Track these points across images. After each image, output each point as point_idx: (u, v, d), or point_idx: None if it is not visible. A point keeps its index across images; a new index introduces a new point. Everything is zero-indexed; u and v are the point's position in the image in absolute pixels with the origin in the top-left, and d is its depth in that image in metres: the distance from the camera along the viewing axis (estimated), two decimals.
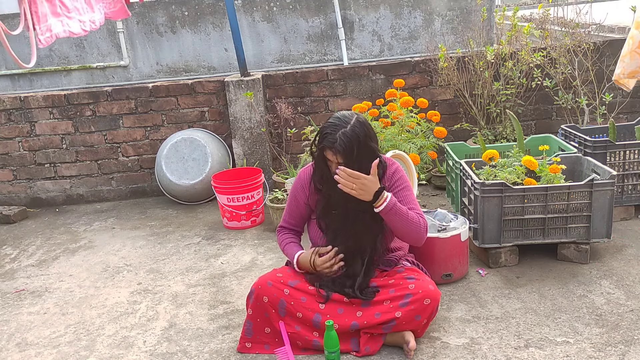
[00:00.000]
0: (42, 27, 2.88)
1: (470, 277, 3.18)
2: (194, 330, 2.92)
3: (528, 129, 4.95)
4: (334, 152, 2.48)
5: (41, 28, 2.87)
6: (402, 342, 2.55)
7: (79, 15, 3.24)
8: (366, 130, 2.50)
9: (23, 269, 3.85)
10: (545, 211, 3.16)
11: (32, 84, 6.02)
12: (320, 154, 2.56)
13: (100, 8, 3.58)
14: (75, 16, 3.19)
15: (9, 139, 5.01)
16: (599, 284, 2.99)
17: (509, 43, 4.61)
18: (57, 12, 3.02)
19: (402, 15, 5.80)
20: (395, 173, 2.70)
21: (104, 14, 3.65)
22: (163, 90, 4.93)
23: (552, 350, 2.49)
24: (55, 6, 3.01)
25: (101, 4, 3.62)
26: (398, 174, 2.70)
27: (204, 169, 4.66)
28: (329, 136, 2.49)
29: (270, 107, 4.90)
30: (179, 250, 3.94)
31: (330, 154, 2.50)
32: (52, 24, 2.95)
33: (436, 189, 4.61)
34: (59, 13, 3.04)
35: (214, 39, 5.85)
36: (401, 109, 4.12)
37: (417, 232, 2.59)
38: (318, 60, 5.88)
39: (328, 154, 2.51)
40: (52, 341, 2.94)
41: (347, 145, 2.46)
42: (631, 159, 3.62)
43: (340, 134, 2.47)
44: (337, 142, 2.46)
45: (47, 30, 2.91)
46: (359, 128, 2.49)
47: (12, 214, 4.80)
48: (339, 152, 2.47)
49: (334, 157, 2.50)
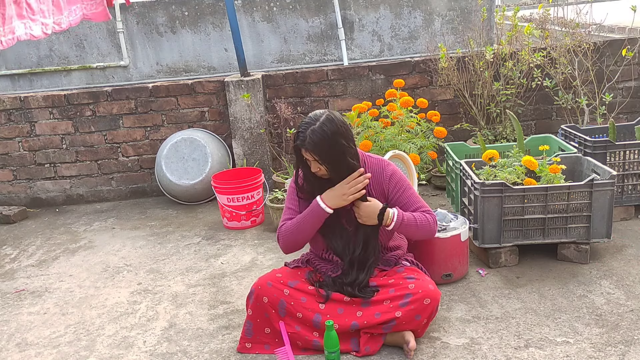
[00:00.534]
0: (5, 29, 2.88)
1: (470, 277, 3.18)
2: (194, 330, 2.92)
3: (528, 129, 4.95)
4: (305, 149, 2.52)
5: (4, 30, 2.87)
6: (402, 342, 2.55)
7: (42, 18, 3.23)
8: (335, 127, 2.51)
9: (23, 269, 3.85)
10: (545, 211, 3.16)
11: (32, 84, 6.02)
12: (298, 153, 2.58)
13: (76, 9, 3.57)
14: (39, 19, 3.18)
15: (9, 139, 5.01)
16: (599, 284, 2.99)
17: (509, 43, 4.61)
18: (22, 15, 3.02)
19: (402, 15, 5.80)
20: (392, 177, 2.69)
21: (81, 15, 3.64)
22: (163, 90, 4.93)
23: (552, 350, 2.49)
24: (22, 9, 3.01)
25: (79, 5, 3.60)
26: (395, 177, 2.69)
27: (204, 169, 4.66)
28: (300, 135, 2.53)
29: (270, 107, 4.90)
30: (179, 250, 3.94)
31: (304, 152, 2.54)
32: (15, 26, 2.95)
33: (436, 189, 4.61)
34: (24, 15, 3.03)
35: (214, 39, 5.85)
36: (401, 109, 4.12)
37: (429, 231, 2.68)
38: (318, 60, 5.88)
39: (303, 152, 2.55)
40: (52, 341, 2.94)
41: (316, 141, 2.48)
42: (631, 159, 3.62)
43: (309, 131, 2.50)
44: (306, 139, 2.50)
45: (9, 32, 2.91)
46: (328, 125, 2.50)
47: (12, 214, 4.80)
48: (310, 150, 2.50)
49: (309, 155, 2.53)
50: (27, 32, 3.08)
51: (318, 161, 2.52)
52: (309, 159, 2.55)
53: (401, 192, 2.68)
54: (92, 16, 3.82)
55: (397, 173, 2.71)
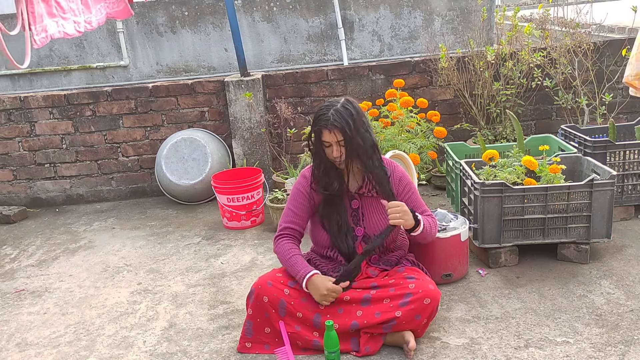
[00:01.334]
0: (37, 27, 2.88)
1: (470, 277, 3.18)
2: (194, 330, 2.92)
3: (528, 129, 4.95)
4: (330, 129, 2.52)
5: (37, 28, 2.88)
6: (402, 342, 2.55)
7: (74, 16, 3.24)
8: (357, 108, 2.59)
9: (23, 269, 3.86)
10: (545, 211, 3.16)
11: (32, 84, 6.02)
12: (317, 140, 2.58)
13: (100, 8, 3.58)
14: (70, 17, 3.19)
15: (9, 139, 5.01)
16: (599, 284, 2.99)
17: (509, 43, 4.61)
18: (52, 13, 3.02)
19: (402, 15, 5.81)
20: (402, 179, 2.74)
21: (105, 14, 3.65)
22: (163, 90, 4.93)
23: (552, 350, 2.49)
24: (51, 7, 3.01)
25: (102, 4, 3.61)
26: (405, 180, 2.75)
27: (204, 169, 4.66)
28: (322, 117, 2.54)
29: (270, 107, 4.90)
30: (179, 250, 3.94)
31: (327, 134, 2.53)
32: (47, 24, 2.95)
33: (436, 189, 4.61)
34: (54, 14, 3.04)
35: (214, 39, 5.85)
36: (401, 109, 4.12)
37: (434, 235, 2.77)
38: (318, 60, 5.88)
39: (325, 135, 2.54)
40: (52, 341, 2.94)
41: (342, 119, 2.51)
42: (631, 159, 3.62)
43: (332, 112, 2.53)
44: (330, 119, 2.51)
45: (42, 31, 2.91)
46: (349, 105, 2.58)
47: (12, 214, 4.80)
48: (336, 128, 2.51)
49: (331, 137, 2.53)
50: (61, 30, 3.09)
51: (340, 143, 2.53)
52: (331, 142, 2.54)
53: (409, 194, 2.74)
54: (115, 14, 3.83)
55: (406, 176, 2.76)
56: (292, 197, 2.78)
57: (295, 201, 2.76)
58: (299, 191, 2.76)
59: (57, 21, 3.04)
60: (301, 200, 2.75)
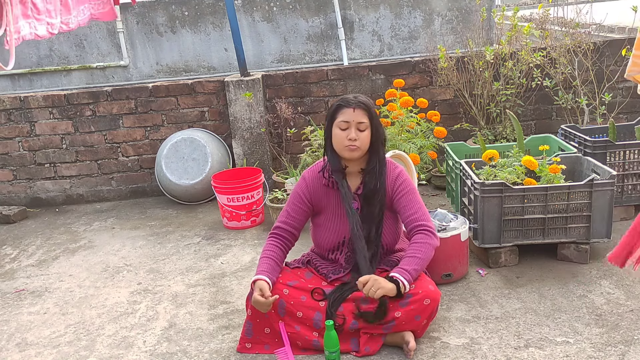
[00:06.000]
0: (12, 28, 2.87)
1: (470, 277, 3.18)
2: (194, 330, 2.92)
3: (528, 129, 4.95)
4: (354, 107, 2.55)
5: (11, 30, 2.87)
6: (402, 342, 2.55)
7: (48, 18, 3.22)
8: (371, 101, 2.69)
9: (23, 269, 3.86)
10: (545, 211, 3.16)
11: (32, 84, 6.02)
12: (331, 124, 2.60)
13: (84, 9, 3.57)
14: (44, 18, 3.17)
15: (9, 139, 5.01)
16: (599, 284, 2.99)
17: (509, 43, 4.61)
18: (27, 14, 3.01)
19: (402, 15, 5.81)
20: (399, 177, 2.71)
21: (89, 15, 3.63)
22: (163, 90, 4.93)
23: (552, 350, 2.49)
24: (27, 8, 3.00)
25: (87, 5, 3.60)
26: (402, 178, 2.71)
27: (204, 169, 4.66)
28: (342, 99, 2.60)
29: (270, 107, 4.91)
30: (179, 250, 3.94)
31: (348, 112, 2.55)
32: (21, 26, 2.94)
33: (436, 189, 4.61)
34: (29, 15, 3.03)
35: (214, 39, 5.85)
36: (401, 109, 4.12)
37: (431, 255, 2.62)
38: (318, 60, 5.88)
39: (346, 113, 2.56)
40: (52, 341, 2.94)
41: (367, 100, 2.60)
42: (631, 159, 3.62)
43: (353, 96, 2.60)
44: (353, 100, 2.57)
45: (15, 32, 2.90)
46: (365, 97, 2.65)
47: (12, 214, 4.79)
48: (361, 106, 2.55)
49: (354, 115, 2.55)
50: (32, 32, 3.07)
51: (360, 126, 2.55)
52: (350, 122, 2.55)
53: (404, 193, 2.68)
54: (99, 16, 3.82)
55: (404, 174, 2.73)
56: (290, 198, 2.80)
57: (292, 203, 2.77)
58: (297, 194, 2.76)
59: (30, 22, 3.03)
60: (298, 203, 2.75)
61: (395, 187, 2.69)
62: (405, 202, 2.66)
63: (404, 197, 2.67)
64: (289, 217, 2.76)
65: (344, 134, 2.57)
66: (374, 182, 2.65)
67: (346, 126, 2.56)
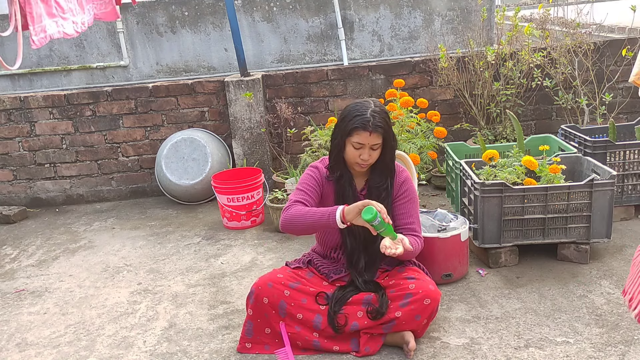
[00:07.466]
0: (36, 27, 2.87)
1: (470, 277, 3.18)
2: (194, 330, 2.92)
3: (528, 129, 4.95)
4: (371, 131, 2.45)
5: (35, 29, 2.87)
6: (402, 342, 2.55)
7: (73, 17, 3.23)
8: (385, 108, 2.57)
9: (23, 269, 3.85)
10: (545, 211, 3.16)
11: (32, 84, 6.02)
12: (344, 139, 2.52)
13: (89, 9, 3.57)
14: (70, 17, 3.18)
15: (9, 139, 5.01)
16: (599, 284, 2.99)
17: (509, 43, 4.61)
18: (52, 13, 3.02)
19: (402, 15, 5.80)
20: (404, 183, 2.71)
21: (93, 15, 3.64)
22: (163, 90, 4.93)
23: (552, 350, 2.49)
24: (50, 7, 3.00)
25: (91, 5, 3.61)
26: (407, 185, 2.71)
27: (204, 169, 4.66)
28: (359, 117, 2.46)
29: (270, 107, 4.90)
30: (179, 250, 3.94)
31: (365, 135, 2.47)
32: (46, 24, 2.94)
33: (436, 189, 4.61)
34: (54, 14, 3.03)
35: (214, 39, 5.85)
36: (401, 109, 4.12)
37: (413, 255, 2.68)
38: (318, 60, 5.87)
39: (362, 136, 2.47)
40: (52, 341, 2.94)
41: (384, 122, 2.48)
42: (631, 159, 3.62)
43: (370, 113, 2.46)
44: (372, 120, 2.45)
45: (41, 31, 2.90)
46: (381, 106, 2.56)
47: (12, 214, 4.79)
48: (378, 130, 2.46)
49: (368, 140, 2.48)
50: (60, 31, 3.08)
51: (374, 147, 2.49)
52: (365, 144, 2.48)
53: (405, 201, 2.69)
54: (102, 16, 3.82)
55: (409, 182, 2.72)
56: (302, 180, 2.69)
57: (305, 183, 2.66)
58: (309, 176, 2.69)
59: (56, 21, 3.04)
60: (312, 183, 2.67)
61: (400, 192, 2.70)
62: (404, 209, 2.68)
63: (405, 205, 2.69)
64: (305, 195, 2.62)
65: (356, 152, 2.53)
66: (379, 184, 2.66)
67: (360, 147, 2.52)
